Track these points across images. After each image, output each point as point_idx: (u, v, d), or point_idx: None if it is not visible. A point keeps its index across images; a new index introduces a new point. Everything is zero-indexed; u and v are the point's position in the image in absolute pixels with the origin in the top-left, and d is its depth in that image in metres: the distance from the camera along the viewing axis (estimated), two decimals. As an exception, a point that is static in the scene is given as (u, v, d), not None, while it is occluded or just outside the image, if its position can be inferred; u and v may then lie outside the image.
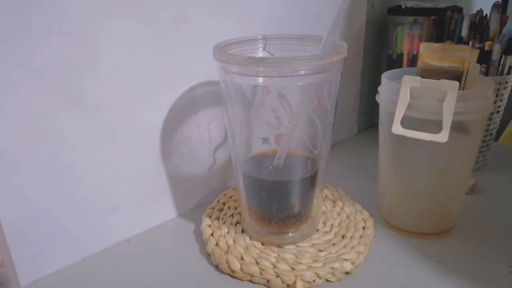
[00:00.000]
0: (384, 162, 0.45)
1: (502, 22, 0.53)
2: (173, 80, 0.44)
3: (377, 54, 0.70)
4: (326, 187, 0.52)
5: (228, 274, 0.39)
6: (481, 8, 0.56)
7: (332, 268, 0.37)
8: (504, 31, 0.53)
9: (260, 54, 0.42)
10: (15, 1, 0.32)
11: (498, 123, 0.57)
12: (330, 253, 0.40)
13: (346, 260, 0.38)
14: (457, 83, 0.35)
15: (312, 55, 0.35)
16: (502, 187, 0.53)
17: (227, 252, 0.40)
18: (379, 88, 0.43)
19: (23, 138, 0.35)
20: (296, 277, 0.36)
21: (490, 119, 0.54)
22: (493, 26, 0.53)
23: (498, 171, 0.58)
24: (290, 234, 0.42)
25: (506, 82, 0.52)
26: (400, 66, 0.63)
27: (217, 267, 0.39)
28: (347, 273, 0.38)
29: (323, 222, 0.45)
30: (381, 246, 0.42)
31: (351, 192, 0.51)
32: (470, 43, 0.53)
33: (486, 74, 0.52)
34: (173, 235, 0.45)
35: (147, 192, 0.45)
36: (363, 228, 0.43)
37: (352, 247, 0.40)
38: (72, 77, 0.36)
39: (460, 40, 0.56)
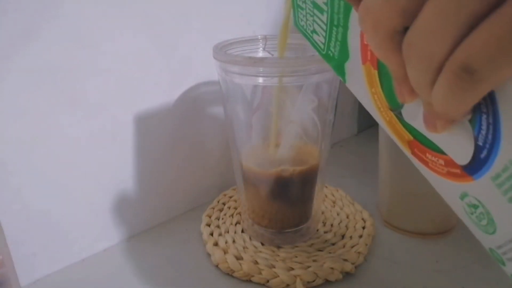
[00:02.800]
0: (384, 162, 0.45)
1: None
2: (173, 80, 0.44)
3: (377, 54, 0.70)
4: (326, 187, 0.52)
5: (228, 274, 0.39)
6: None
7: (331, 268, 0.37)
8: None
9: (260, 54, 0.42)
10: (15, 1, 0.32)
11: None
12: (330, 253, 0.40)
13: (345, 260, 0.38)
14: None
15: (312, 55, 0.35)
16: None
17: (226, 252, 0.40)
18: (379, 88, 0.43)
19: (23, 138, 0.35)
20: (295, 277, 0.36)
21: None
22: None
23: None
24: (290, 234, 0.42)
25: (506, 82, 0.52)
26: (400, 66, 0.63)
27: (217, 267, 0.39)
28: (347, 273, 0.38)
29: (322, 222, 0.45)
30: (381, 246, 0.42)
31: (351, 192, 0.51)
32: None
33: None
34: (173, 235, 0.45)
35: (146, 192, 0.45)
36: (363, 228, 0.43)
37: (352, 247, 0.40)
38: (72, 77, 0.36)
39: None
